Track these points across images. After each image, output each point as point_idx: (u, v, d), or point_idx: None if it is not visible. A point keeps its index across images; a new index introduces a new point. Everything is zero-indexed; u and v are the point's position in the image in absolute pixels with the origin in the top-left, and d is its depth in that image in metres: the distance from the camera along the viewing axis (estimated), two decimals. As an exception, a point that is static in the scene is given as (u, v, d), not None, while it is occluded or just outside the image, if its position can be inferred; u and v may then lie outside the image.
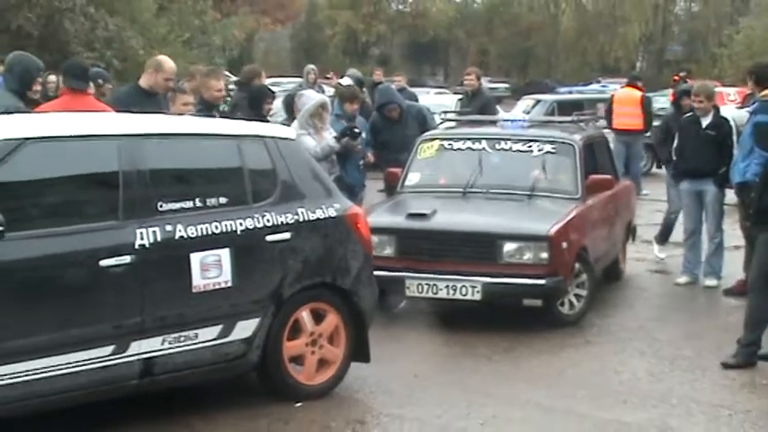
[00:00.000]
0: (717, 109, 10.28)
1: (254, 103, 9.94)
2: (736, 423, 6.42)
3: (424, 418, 6.40)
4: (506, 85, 44.69)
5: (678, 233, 10.89)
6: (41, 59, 8.89)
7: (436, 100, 23.73)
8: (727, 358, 7.52)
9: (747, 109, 9.86)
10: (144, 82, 8.48)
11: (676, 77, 21.25)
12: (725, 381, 7.29)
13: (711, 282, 10.15)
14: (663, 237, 11.58)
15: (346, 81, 14.28)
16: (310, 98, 10.38)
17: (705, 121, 10.04)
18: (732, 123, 10.09)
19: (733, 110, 12.20)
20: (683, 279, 10.26)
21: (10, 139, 5.64)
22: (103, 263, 5.66)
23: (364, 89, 14.74)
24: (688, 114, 10.45)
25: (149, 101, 8.08)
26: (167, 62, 8.47)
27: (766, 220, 7.64)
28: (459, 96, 19.08)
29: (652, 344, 8.30)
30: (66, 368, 5.50)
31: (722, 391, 7.07)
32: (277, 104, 11.49)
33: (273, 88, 12.25)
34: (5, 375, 5.31)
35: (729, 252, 10.31)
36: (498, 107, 24.27)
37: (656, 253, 11.55)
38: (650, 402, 6.72)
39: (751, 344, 7.52)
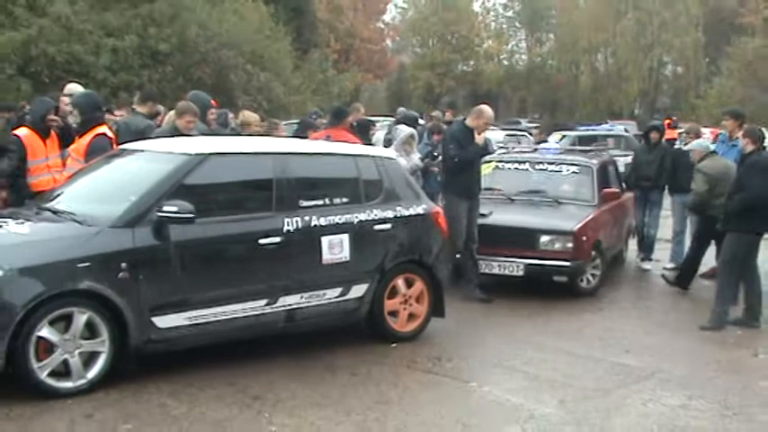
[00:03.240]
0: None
1: (362, 131, 9.98)
2: (709, 369, 6.33)
3: (482, 357, 6.42)
4: (538, 124, 44.07)
5: (665, 233, 10.65)
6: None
7: (489, 134, 23.51)
8: (703, 323, 7.42)
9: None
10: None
11: (668, 121, 20.83)
12: (702, 338, 7.18)
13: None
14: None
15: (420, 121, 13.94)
16: (403, 131, 10.44)
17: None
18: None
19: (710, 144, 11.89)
20: (670, 266, 10.09)
21: (200, 154, 5.82)
22: (261, 241, 5.78)
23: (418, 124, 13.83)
24: (679, 147, 10.24)
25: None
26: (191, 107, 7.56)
27: (732, 224, 7.53)
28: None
29: (648, 311, 8.22)
30: (237, 314, 5.66)
31: (700, 346, 6.97)
32: (378, 135, 11.44)
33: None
34: (202, 317, 5.50)
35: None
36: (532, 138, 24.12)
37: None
38: (647, 352, 6.64)
39: (722, 313, 7.41)
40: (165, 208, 5.33)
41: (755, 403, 5.51)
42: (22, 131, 7.36)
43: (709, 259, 9.59)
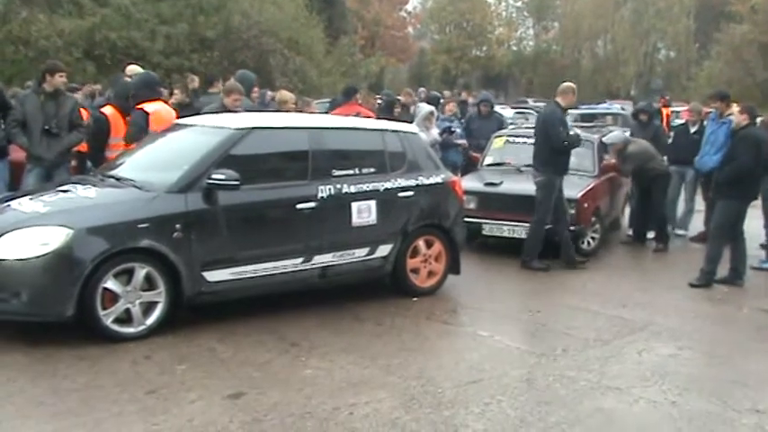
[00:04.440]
0: (702, 121, 9.89)
1: (387, 109, 9.93)
2: (698, 321, 6.28)
3: (494, 309, 6.39)
4: (545, 103, 43.64)
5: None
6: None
7: (500, 111, 23.24)
8: (693, 280, 7.33)
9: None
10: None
11: (663, 100, 20.49)
12: (692, 294, 7.11)
13: (682, 232, 9.85)
14: None
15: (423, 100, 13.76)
16: (423, 108, 10.34)
17: (693, 129, 9.70)
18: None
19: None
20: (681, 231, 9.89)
21: (244, 128, 5.80)
22: (298, 206, 5.78)
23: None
24: (681, 123, 10.05)
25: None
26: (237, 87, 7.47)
27: (722, 192, 7.41)
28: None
29: (642, 270, 8.15)
30: (276, 270, 5.68)
31: (689, 302, 6.89)
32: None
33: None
34: (246, 272, 5.53)
35: (696, 213, 9.98)
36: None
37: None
38: (641, 307, 6.58)
39: (709, 272, 7.31)
40: (213, 176, 5.34)
41: (739, 353, 5.45)
42: (108, 110, 7.41)
43: (698, 224, 9.53)
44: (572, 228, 8.09)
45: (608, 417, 4.23)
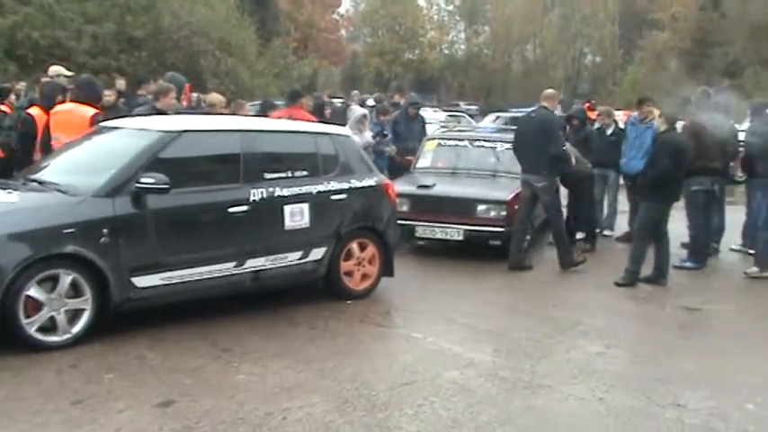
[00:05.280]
0: (616, 123, 10.19)
1: (317, 111, 9.91)
2: (623, 320, 6.44)
3: (427, 311, 6.41)
4: (477, 107, 44.22)
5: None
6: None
7: (432, 115, 23.50)
8: (618, 279, 7.50)
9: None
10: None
11: (588, 103, 21.00)
12: (618, 294, 7.28)
13: (608, 232, 10.10)
14: None
15: (370, 102, 13.86)
16: (356, 111, 10.37)
17: (608, 131, 9.97)
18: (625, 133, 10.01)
19: (621, 124, 11.98)
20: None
21: (174, 131, 5.70)
22: (230, 210, 5.71)
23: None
24: (598, 127, 10.29)
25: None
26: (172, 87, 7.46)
27: (645, 194, 7.64)
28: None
29: (571, 270, 8.28)
30: (208, 274, 5.59)
31: (615, 301, 7.05)
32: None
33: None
34: (177, 277, 5.43)
35: (620, 214, 10.25)
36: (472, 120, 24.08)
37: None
38: (570, 306, 6.72)
39: (634, 272, 7.51)
40: (142, 179, 5.24)
41: (663, 350, 5.61)
42: (34, 111, 7.18)
43: (623, 225, 9.80)
44: (502, 229, 8.22)
45: (538, 415, 4.31)
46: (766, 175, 8.00)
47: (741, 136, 9.05)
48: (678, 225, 8.55)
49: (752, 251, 8.41)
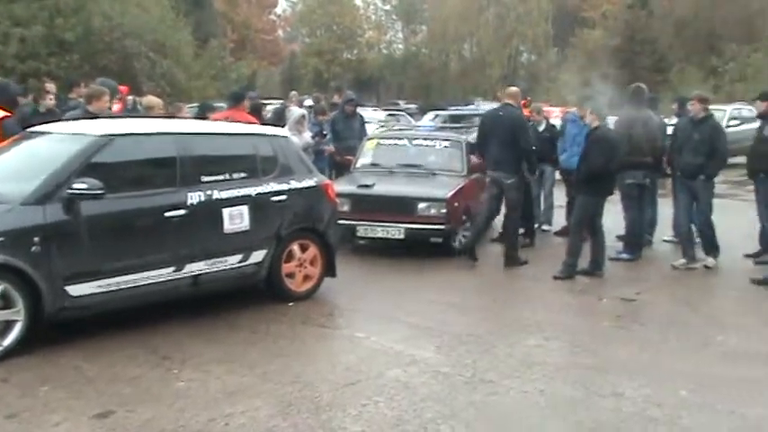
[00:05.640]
0: (547, 120, 10.35)
1: (255, 112, 9.80)
2: (562, 312, 6.53)
3: (369, 311, 6.42)
4: (416, 106, 44.48)
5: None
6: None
7: (371, 114, 23.54)
8: (557, 273, 7.62)
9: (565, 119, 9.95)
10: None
11: (525, 102, 21.30)
12: (556, 287, 7.39)
13: (547, 227, 10.26)
14: None
15: (307, 102, 13.74)
16: (295, 112, 10.30)
17: (540, 128, 10.10)
18: (557, 129, 10.20)
19: (558, 121, 12.20)
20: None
21: (107, 135, 5.57)
22: (167, 214, 5.61)
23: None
24: (530, 123, 10.40)
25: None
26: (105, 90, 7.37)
27: (580, 189, 7.79)
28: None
29: (505, 267, 8.39)
30: (146, 280, 5.48)
31: (554, 294, 7.16)
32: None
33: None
34: (113, 284, 5.30)
35: (557, 209, 10.40)
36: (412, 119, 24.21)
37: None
38: (510, 300, 6.84)
39: (571, 264, 7.65)
40: (74, 185, 5.10)
41: (600, 341, 5.73)
42: None
43: (560, 219, 9.97)
44: (442, 227, 8.27)
45: (481, 409, 4.35)
46: (688, 170, 8.18)
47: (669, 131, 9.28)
48: (613, 218, 8.76)
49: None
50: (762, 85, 24.23)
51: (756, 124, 8.95)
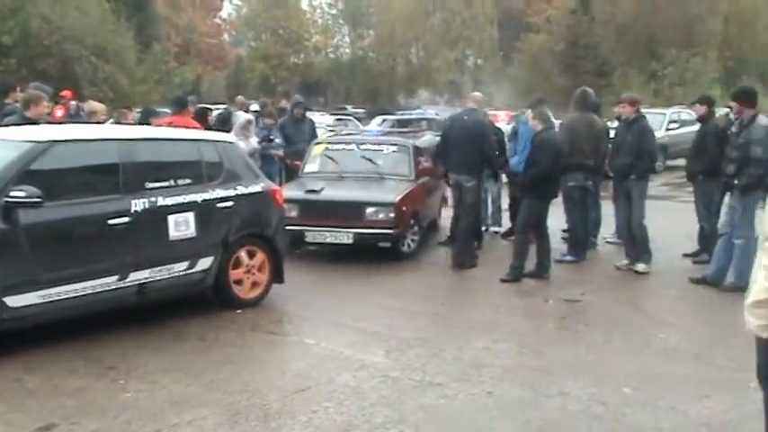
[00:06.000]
0: (492, 123, 10.42)
1: (200, 118, 9.73)
2: (509, 314, 6.62)
3: (318, 317, 6.40)
4: (364, 110, 44.57)
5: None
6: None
7: (318, 119, 23.52)
8: (503, 276, 7.70)
9: (513, 125, 10.06)
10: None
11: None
12: (503, 289, 7.47)
13: (496, 229, 10.37)
14: None
15: (253, 107, 13.63)
16: (241, 117, 10.23)
17: None
18: (503, 132, 10.30)
19: (503, 125, 12.36)
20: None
21: (44, 141, 5.44)
22: (110, 222, 5.51)
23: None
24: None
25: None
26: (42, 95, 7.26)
27: (526, 192, 7.91)
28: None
29: (453, 271, 8.47)
30: (89, 290, 5.37)
31: (501, 296, 7.24)
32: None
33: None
34: (55, 294, 5.19)
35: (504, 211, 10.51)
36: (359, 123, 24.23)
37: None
38: (458, 303, 6.89)
39: (518, 267, 7.74)
40: (11, 193, 4.97)
41: (546, 342, 5.83)
42: None
43: (505, 221, 10.10)
44: (390, 231, 8.31)
45: (430, 413, 4.38)
46: (620, 170, 8.36)
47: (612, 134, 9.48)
48: (558, 221, 8.92)
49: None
50: (700, 89, 25.03)
51: (695, 127, 9.24)
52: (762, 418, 2.79)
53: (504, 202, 10.19)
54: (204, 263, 6.15)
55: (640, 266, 8.06)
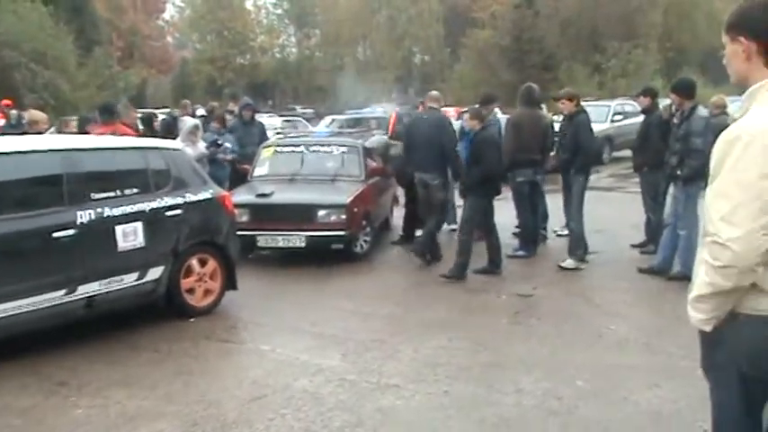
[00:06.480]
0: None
1: (146, 124, 9.62)
2: (464, 312, 6.67)
3: (273, 323, 6.38)
4: (312, 110, 44.45)
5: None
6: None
7: (267, 120, 23.36)
8: (446, 272, 7.73)
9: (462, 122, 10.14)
10: None
11: (420, 103, 21.63)
12: (455, 287, 7.50)
13: (453, 226, 10.34)
14: None
15: (199, 112, 13.50)
16: (187, 122, 10.12)
17: None
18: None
19: (453, 120, 12.43)
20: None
21: (-16, 155, 5.32)
22: (55, 234, 5.40)
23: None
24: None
25: None
26: None
27: (471, 190, 7.94)
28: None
29: (412, 267, 8.50)
30: (35, 305, 5.26)
31: (456, 293, 7.28)
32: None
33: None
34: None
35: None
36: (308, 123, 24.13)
37: None
38: (413, 303, 6.93)
39: (461, 264, 7.72)
40: (-49, 210, 4.84)
41: (500, 338, 5.91)
42: None
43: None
44: (343, 232, 8.32)
45: (387, 414, 4.41)
46: (562, 165, 8.51)
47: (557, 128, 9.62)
48: (509, 216, 9.04)
49: None
50: (642, 81, 25.61)
51: (640, 119, 9.44)
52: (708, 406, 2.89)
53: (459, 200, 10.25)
54: (154, 273, 6.08)
55: (567, 262, 8.09)
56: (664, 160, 7.73)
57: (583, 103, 8.94)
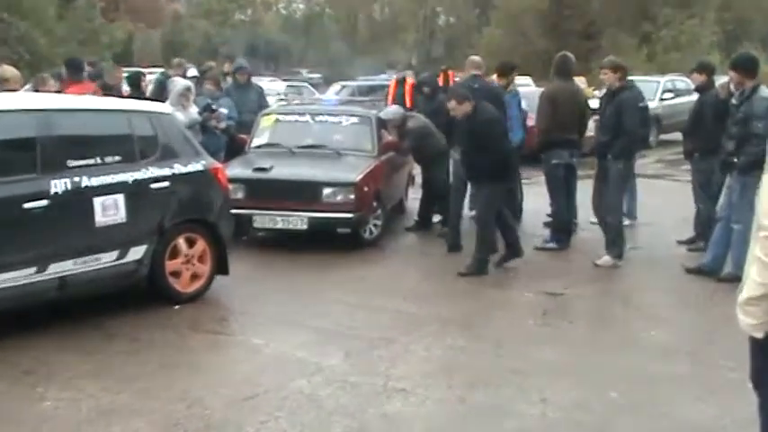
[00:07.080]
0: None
1: (133, 84, 9.62)
2: (485, 310, 6.68)
3: (268, 314, 6.41)
4: (320, 75, 44.37)
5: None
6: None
7: (268, 85, 23.39)
8: (462, 269, 7.65)
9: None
10: None
11: (445, 72, 21.55)
12: (473, 280, 7.48)
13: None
14: None
15: (191, 72, 13.44)
16: (178, 83, 10.11)
17: None
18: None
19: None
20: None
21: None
22: (26, 206, 5.43)
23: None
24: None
25: None
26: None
27: (483, 179, 7.83)
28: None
29: (422, 260, 8.50)
30: (2, 284, 5.29)
31: (472, 288, 7.26)
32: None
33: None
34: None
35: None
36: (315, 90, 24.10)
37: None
38: (427, 297, 6.92)
39: (482, 260, 7.67)
40: None
41: (524, 341, 5.90)
42: None
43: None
44: (351, 215, 8.31)
45: (393, 422, 4.42)
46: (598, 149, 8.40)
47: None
48: (539, 202, 9.00)
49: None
50: (697, 55, 25.40)
51: (693, 98, 9.35)
52: (757, 424, 2.87)
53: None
54: (136, 252, 6.11)
55: (604, 260, 7.98)
56: (719, 145, 7.65)
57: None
